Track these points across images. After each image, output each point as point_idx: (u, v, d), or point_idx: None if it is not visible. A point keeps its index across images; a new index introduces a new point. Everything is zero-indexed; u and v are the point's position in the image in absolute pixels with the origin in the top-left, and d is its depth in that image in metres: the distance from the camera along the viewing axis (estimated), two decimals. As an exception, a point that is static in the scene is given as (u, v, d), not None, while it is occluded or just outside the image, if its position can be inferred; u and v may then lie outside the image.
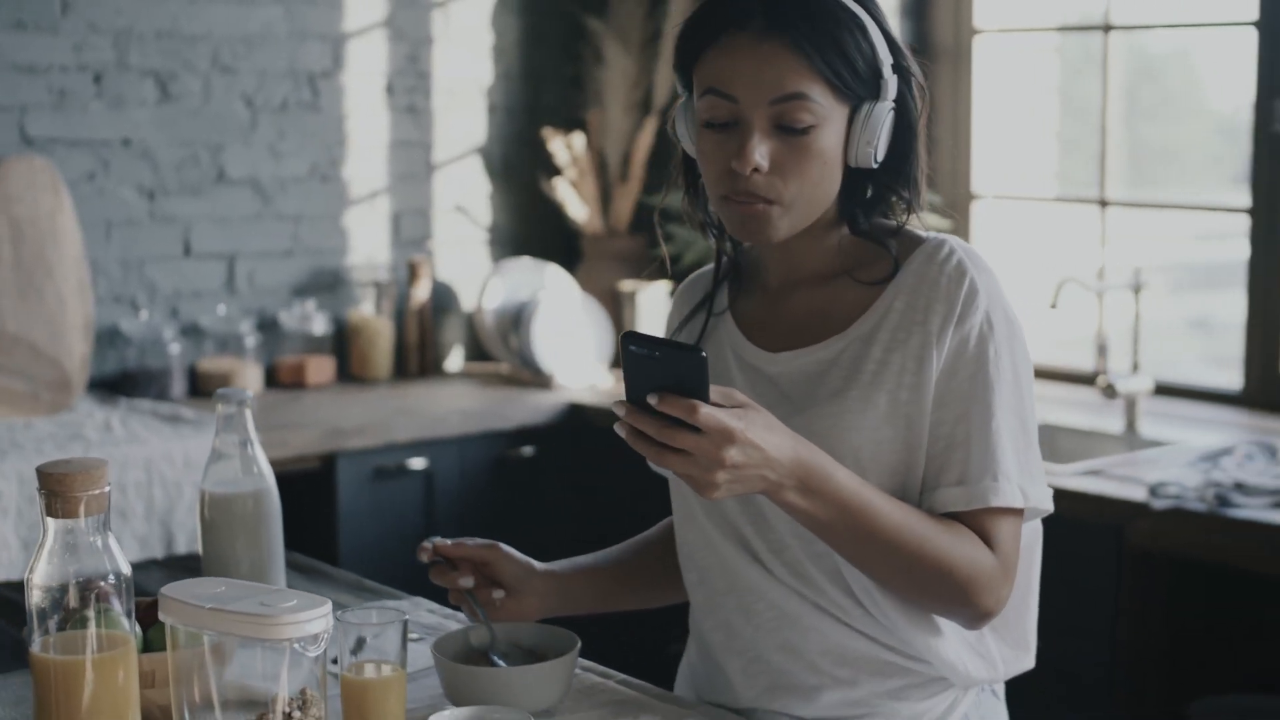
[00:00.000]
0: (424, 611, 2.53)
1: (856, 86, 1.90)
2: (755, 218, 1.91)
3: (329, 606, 1.77)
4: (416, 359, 4.67)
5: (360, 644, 1.91)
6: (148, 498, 3.74)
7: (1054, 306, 3.84)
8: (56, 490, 1.78)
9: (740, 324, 2.08)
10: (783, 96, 1.87)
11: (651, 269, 4.35)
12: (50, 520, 1.79)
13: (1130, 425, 3.95)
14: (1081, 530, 3.43)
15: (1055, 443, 4.04)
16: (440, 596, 2.72)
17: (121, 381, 4.27)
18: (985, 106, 4.69)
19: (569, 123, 4.94)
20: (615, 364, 4.74)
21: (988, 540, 1.89)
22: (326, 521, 4.07)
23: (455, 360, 4.80)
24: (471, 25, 4.82)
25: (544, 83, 4.99)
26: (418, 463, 4.13)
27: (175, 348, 4.27)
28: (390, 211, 4.73)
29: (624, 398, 1.84)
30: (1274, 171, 4.08)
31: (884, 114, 1.92)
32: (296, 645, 1.75)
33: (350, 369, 4.61)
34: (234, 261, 4.48)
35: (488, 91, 4.87)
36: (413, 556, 4.09)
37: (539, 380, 4.52)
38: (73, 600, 1.79)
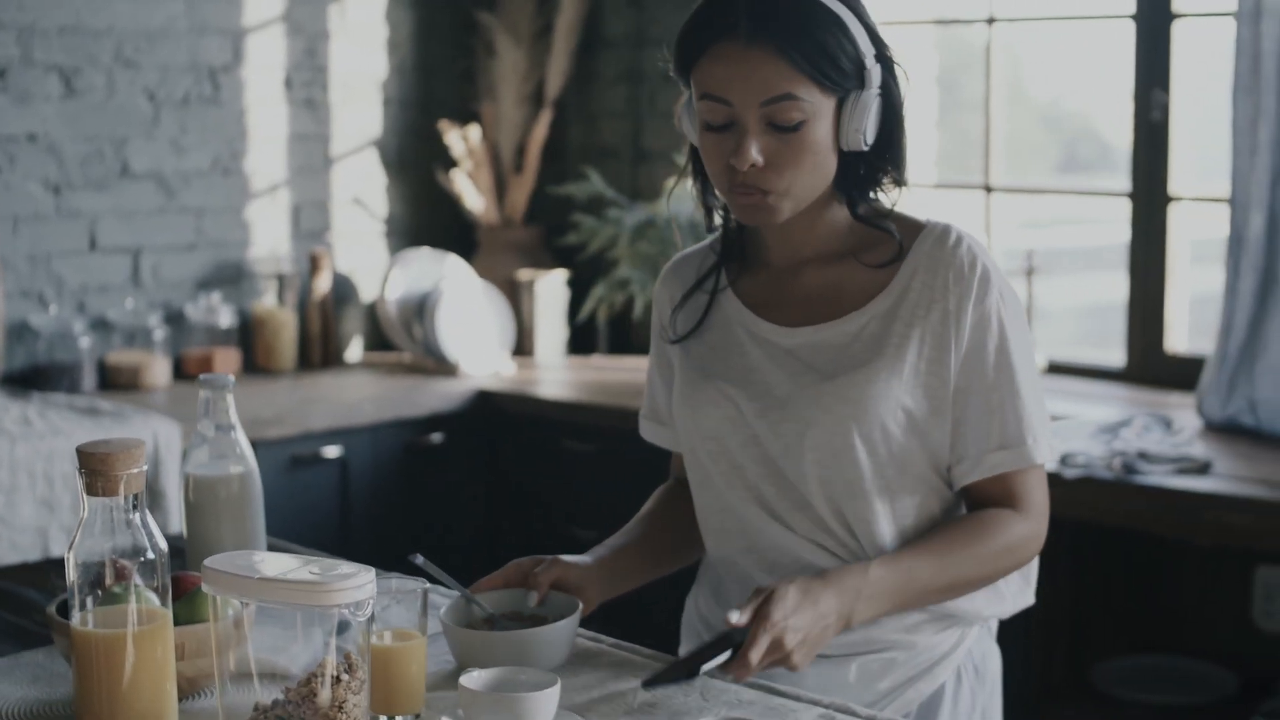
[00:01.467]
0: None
1: (841, 80, 2.02)
2: (758, 206, 2.06)
3: (373, 573, 1.86)
4: (319, 350, 4.73)
5: (383, 612, 1.99)
6: (75, 489, 3.76)
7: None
8: (98, 469, 1.85)
9: (746, 301, 2.19)
10: (773, 98, 2.00)
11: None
12: (90, 499, 1.85)
13: (1025, 401, 4.12)
14: (992, 500, 3.59)
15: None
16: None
17: (33, 376, 4.28)
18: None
19: (463, 115, 5.02)
20: (519, 352, 4.82)
21: (1024, 495, 2.10)
22: (245, 510, 4.11)
23: (356, 351, 4.86)
24: (366, 20, 4.88)
25: (437, 76, 5.06)
26: (333, 451, 4.19)
27: (85, 341, 4.29)
28: (290, 204, 4.78)
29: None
30: (1152, 158, 4.27)
31: (870, 101, 2.04)
32: (346, 611, 1.83)
33: (255, 360, 4.65)
34: (139, 255, 4.50)
35: (383, 85, 4.94)
36: (330, 541, 4.16)
37: (443, 368, 4.60)
38: (108, 576, 1.86)
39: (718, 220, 2.23)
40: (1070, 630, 3.65)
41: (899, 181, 2.14)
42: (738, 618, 1.95)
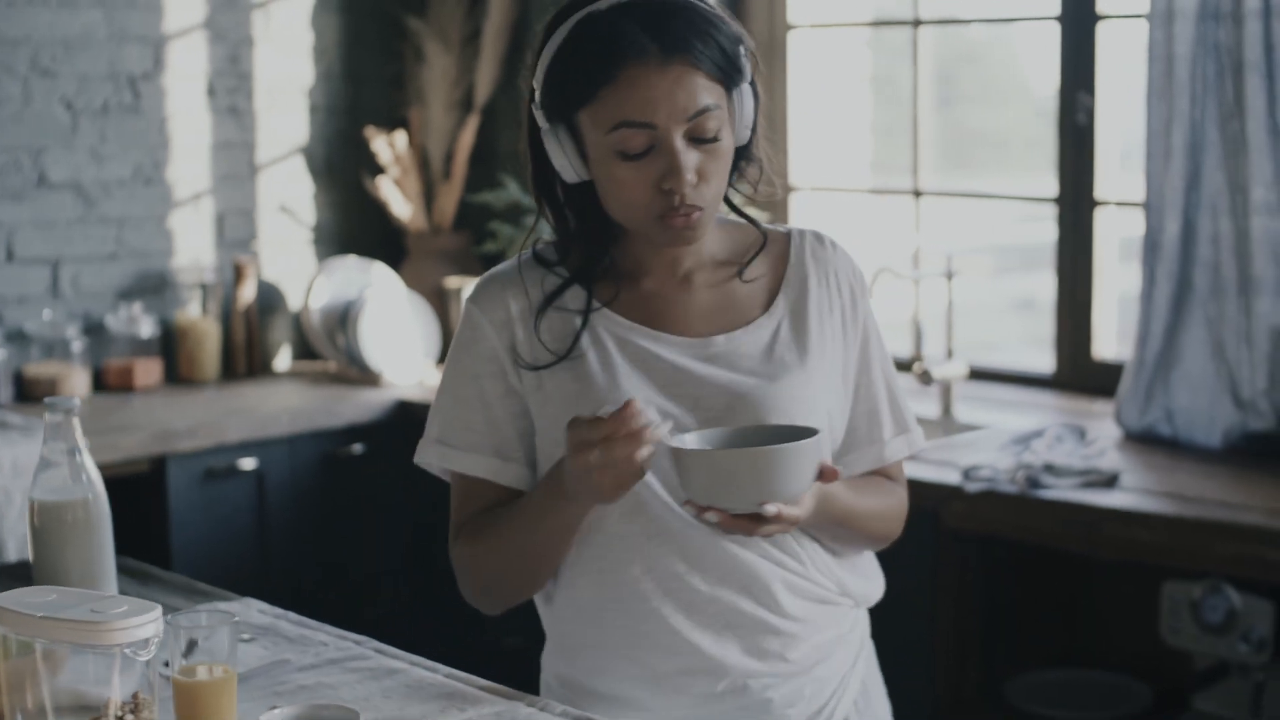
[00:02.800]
0: (255, 612, 2.56)
1: (737, 78, 2.03)
2: (690, 227, 2.03)
3: (159, 611, 1.82)
4: (244, 359, 4.68)
5: (191, 646, 1.94)
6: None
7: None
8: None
9: (636, 319, 2.13)
10: (696, 112, 1.97)
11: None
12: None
13: (946, 410, 4.08)
14: (899, 513, 3.54)
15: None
16: (273, 597, 2.77)
17: (-56, 388, 4.24)
18: (801, 100, 4.79)
19: (391, 121, 4.97)
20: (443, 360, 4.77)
21: (897, 479, 2.26)
22: (158, 524, 4.08)
23: (284, 360, 4.82)
24: (291, 25, 4.83)
25: (365, 82, 5.01)
26: (248, 463, 4.15)
27: (1, 353, 4.24)
28: (214, 212, 4.73)
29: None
30: (1078, 160, 4.22)
31: (747, 93, 2.05)
32: (127, 650, 1.79)
33: (178, 371, 4.60)
34: (58, 266, 4.46)
35: (309, 91, 4.89)
36: (243, 555, 4.12)
37: (367, 378, 4.56)
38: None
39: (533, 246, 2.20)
40: (979, 645, 3.60)
41: (765, 178, 2.15)
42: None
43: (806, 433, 1.96)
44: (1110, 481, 3.41)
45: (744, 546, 2.09)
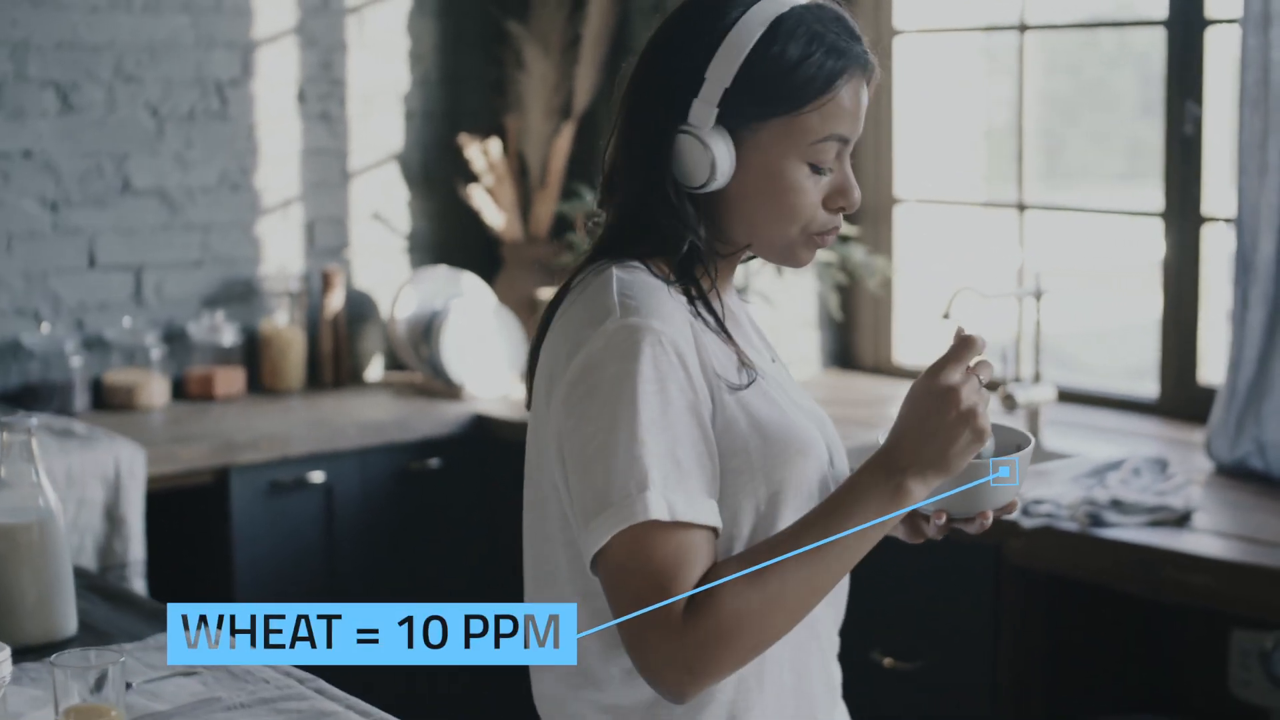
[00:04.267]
0: (212, 644, 2.47)
1: None
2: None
3: (6, 653, 1.74)
4: (331, 369, 4.61)
5: (98, 683, 1.89)
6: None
7: (946, 316, 3.75)
8: None
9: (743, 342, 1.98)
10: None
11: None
12: None
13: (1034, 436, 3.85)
14: (959, 547, 3.34)
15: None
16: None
17: (22, 395, 4.23)
18: (908, 109, 4.60)
19: (489, 128, 4.87)
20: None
21: None
22: (221, 537, 4.02)
23: (375, 370, 4.74)
24: (387, 30, 4.76)
25: (464, 87, 4.92)
26: (317, 476, 4.07)
27: (77, 360, 4.23)
28: (304, 220, 4.67)
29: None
30: (1185, 173, 3.97)
31: None
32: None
33: (262, 381, 4.55)
34: (141, 273, 4.43)
35: (405, 98, 4.81)
36: (309, 571, 4.06)
37: (450, 391, 4.46)
38: None
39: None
40: (1042, 687, 3.39)
41: None
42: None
43: (1022, 437, 1.88)
44: (1181, 520, 3.19)
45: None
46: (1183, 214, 3.99)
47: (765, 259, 1.95)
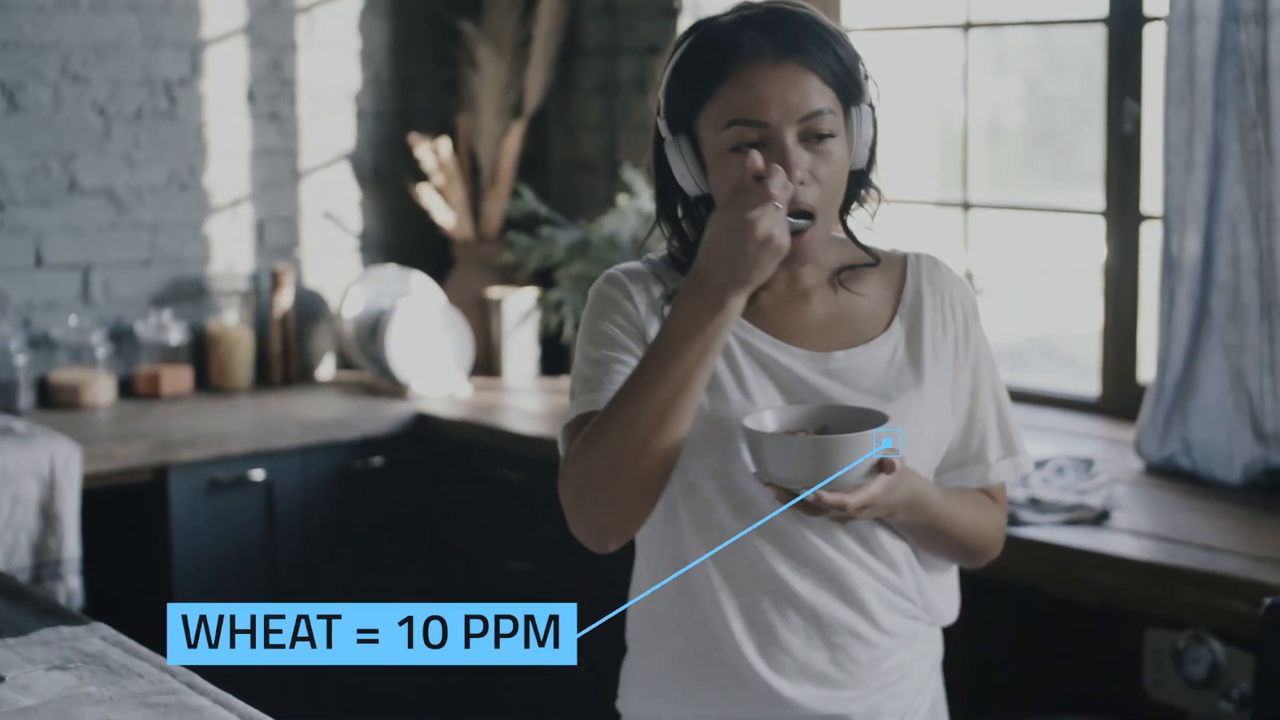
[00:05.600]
0: (96, 638, 2.49)
1: (854, 93, 2.07)
2: (800, 249, 2.04)
3: None
4: (280, 368, 4.62)
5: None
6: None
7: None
8: None
9: (762, 327, 2.13)
10: (810, 113, 2.01)
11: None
12: None
13: (967, 435, 3.84)
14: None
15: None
16: (121, 625, 2.68)
17: (-35, 393, 4.24)
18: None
19: (441, 128, 4.87)
20: (489, 372, 4.67)
21: (997, 498, 2.24)
22: (159, 535, 4.03)
23: (326, 369, 4.75)
24: (337, 30, 4.76)
25: (416, 88, 4.92)
26: (257, 474, 4.08)
27: (21, 359, 4.24)
28: (254, 219, 4.68)
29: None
30: (1125, 172, 3.96)
31: (869, 115, 2.09)
32: None
33: (210, 379, 4.56)
34: (89, 272, 4.44)
35: (356, 97, 4.81)
36: (249, 569, 4.06)
37: (396, 389, 4.46)
38: None
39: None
40: (968, 689, 3.37)
41: (879, 200, 2.20)
42: None
43: (879, 418, 1.99)
44: (1099, 520, 3.18)
45: (843, 554, 2.11)
46: (1122, 213, 3.98)
47: None
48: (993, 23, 4.29)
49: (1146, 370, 3.99)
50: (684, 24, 4.47)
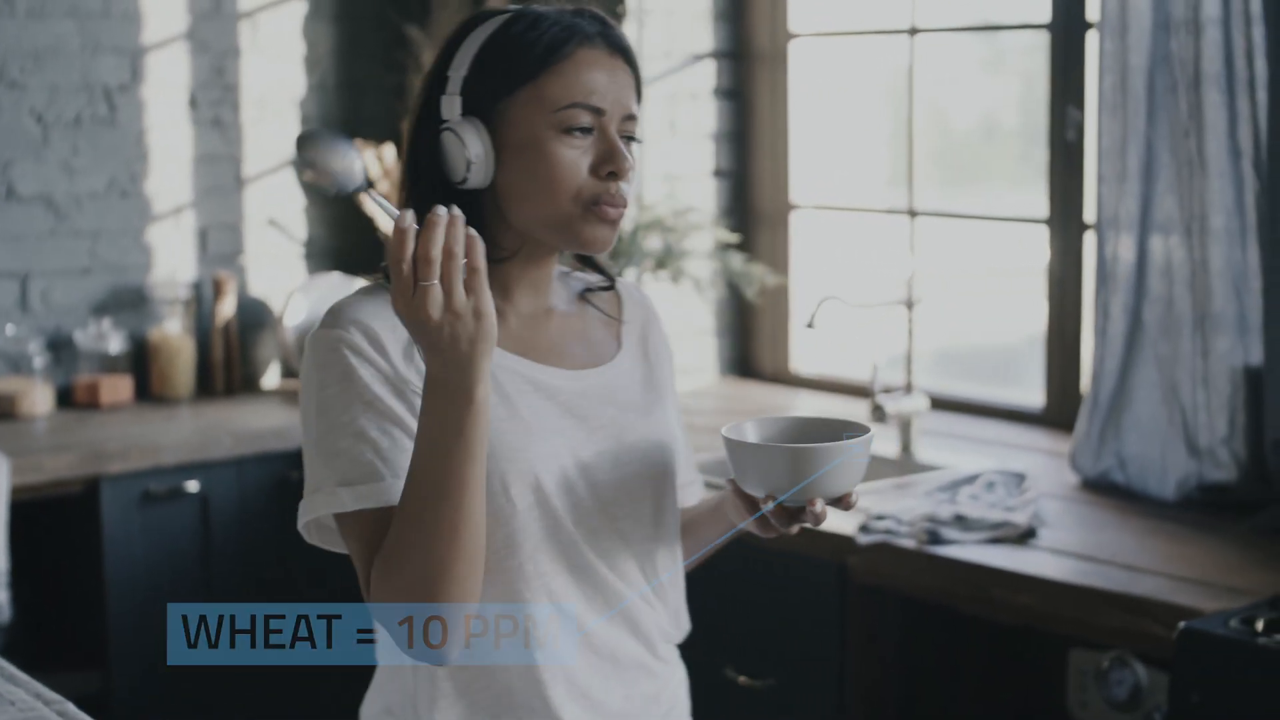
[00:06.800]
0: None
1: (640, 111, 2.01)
2: (617, 221, 1.95)
3: None
4: (222, 377, 4.57)
5: None
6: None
7: (810, 326, 3.69)
8: None
9: (509, 348, 1.98)
10: (629, 114, 1.95)
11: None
12: None
13: (905, 448, 3.79)
14: (806, 562, 3.29)
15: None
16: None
17: (-101, 404, 4.20)
18: (808, 113, 4.54)
19: (388, 134, 4.81)
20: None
21: None
22: (91, 547, 3.98)
23: (272, 377, 4.70)
24: (282, 35, 4.70)
25: (364, 93, 4.87)
26: (192, 486, 4.03)
27: (-44, 369, 4.20)
28: (197, 226, 4.62)
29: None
30: (1068, 180, 3.90)
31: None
32: None
33: (151, 389, 4.51)
34: (27, 280, 4.39)
35: (301, 103, 4.76)
36: (184, 583, 4.01)
37: (337, 399, 4.41)
38: None
39: None
40: (894, 711, 3.32)
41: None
42: None
43: (861, 429, 1.96)
44: (1024, 538, 3.12)
45: (630, 585, 2.03)
46: (1065, 220, 3.92)
47: (559, 245, 1.97)
48: (938, 28, 4.23)
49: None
50: (628, 29, 4.42)
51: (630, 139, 1.95)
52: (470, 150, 1.90)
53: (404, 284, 1.69)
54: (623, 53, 1.96)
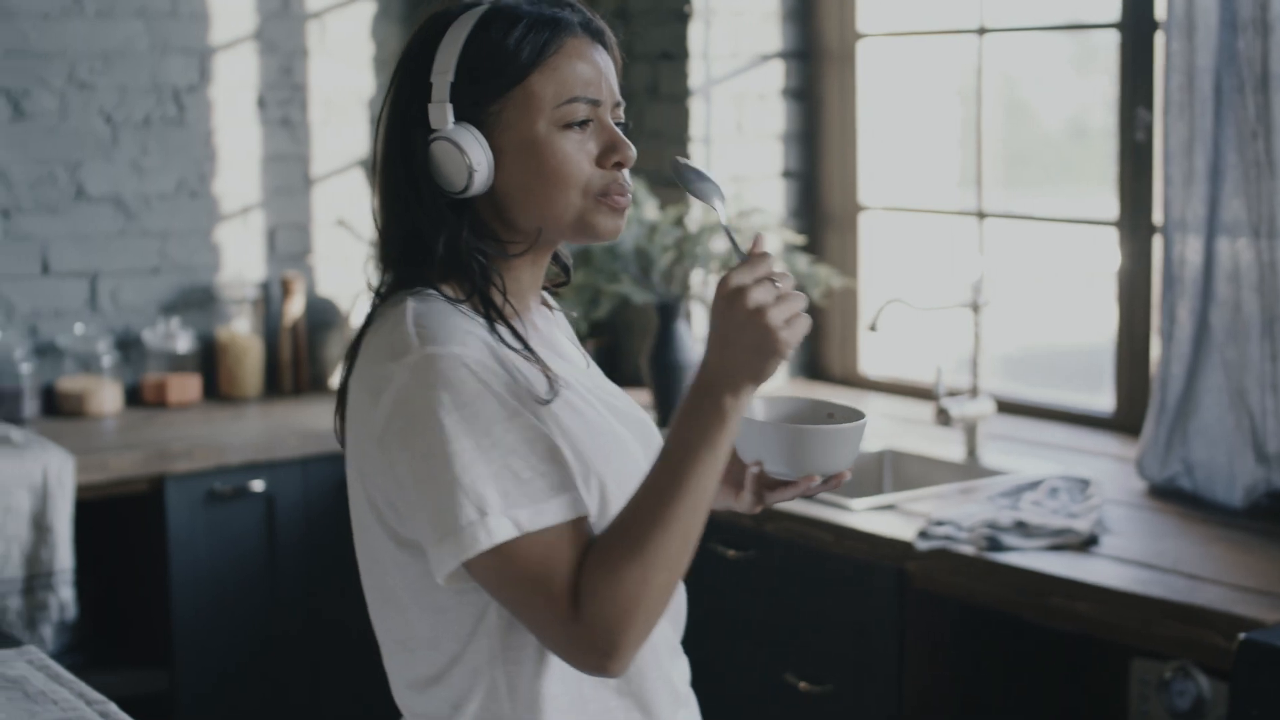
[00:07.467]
0: (22, 662, 2.45)
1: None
2: (623, 215, 1.91)
3: None
4: (290, 376, 4.58)
5: None
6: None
7: (873, 329, 3.65)
8: None
9: (545, 354, 1.93)
10: (619, 100, 1.92)
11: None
12: None
13: (971, 453, 3.75)
14: (866, 568, 3.25)
15: (901, 469, 3.86)
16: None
17: (-30, 402, 4.23)
18: (877, 113, 4.50)
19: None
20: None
21: None
22: (156, 546, 4.00)
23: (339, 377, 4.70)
24: (350, 36, 4.71)
25: (432, 92, 4.86)
26: (257, 485, 4.04)
27: (26, 367, 4.22)
28: (265, 226, 4.64)
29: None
30: (1137, 182, 3.84)
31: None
32: None
33: (219, 387, 4.53)
34: (96, 280, 4.42)
35: (369, 103, 4.76)
36: (250, 582, 4.02)
37: (403, 399, 4.41)
38: None
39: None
40: (952, 716, 3.28)
41: None
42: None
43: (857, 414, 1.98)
44: (1085, 545, 3.07)
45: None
46: (1134, 223, 3.86)
47: (569, 240, 1.93)
48: (1007, 27, 4.18)
49: (1159, 385, 3.88)
50: (695, 30, 4.40)
51: (621, 125, 1.91)
52: (471, 158, 1.84)
53: (765, 295, 1.72)
54: (602, 39, 1.92)
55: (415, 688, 1.90)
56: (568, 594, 1.73)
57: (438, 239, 1.86)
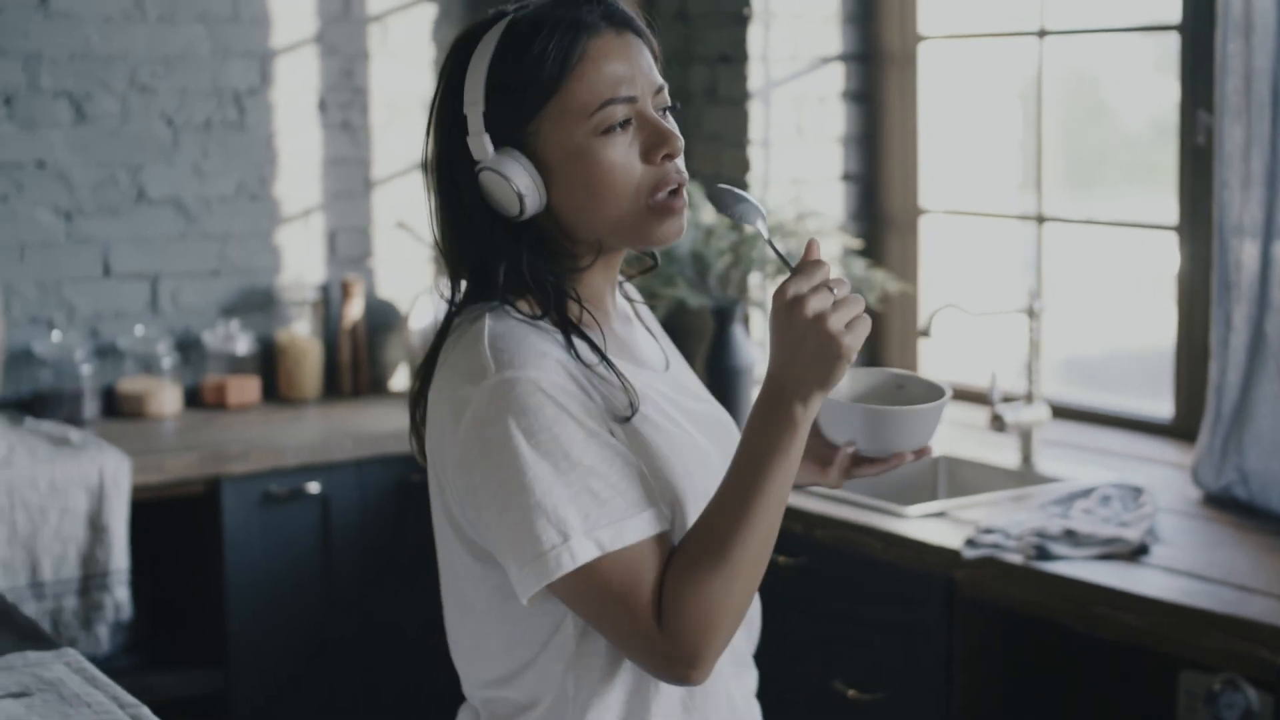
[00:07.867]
0: (60, 664, 2.45)
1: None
2: (682, 215, 1.89)
3: None
4: (350, 379, 4.60)
5: None
6: (10, 522, 3.73)
7: (925, 334, 3.62)
8: None
9: (636, 363, 1.95)
10: (659, 86, 1.88)
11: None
12: None
13: (1026, 459, 3.71)
14: (914, 577, 3.23)
15: (956, 475, 3.82)
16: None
17: (33, 403, 4.26)
18: (938, 116, 4.46)
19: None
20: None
21: None
22: (212, 548, 4.02)
23: (400, 379, 4.72)
24: (411, 38, 4.72)
25: (494, 95, 4.86)
26: (313, 487, 4.06)
27: (87, 368, 4.26)
28: (325, 229, 4.66)
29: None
30: (1196, 185, 3.79)
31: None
32: None
33: (278, 389, 4.55)
34: (157, 282, 4.45)
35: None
36: (305, 585, 4.03)
37: (460, 402, 4.41)
38: None
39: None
40: (1003, 724, 3.25)
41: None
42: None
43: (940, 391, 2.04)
44: (1135, 554, 3.03)
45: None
46: (1194, 227, 3.81)
47: (632, 247, 1.92)
48: (1068, 29, 4.13)
49: (1219, 392, 3.82)
50: (754, 32, 4.38)
51: (667, 109, 1.87)
52: (518, 183, 1.83)
53: (823, 302, 1.72)
54: (629, 25, 1.87)
55: (486, 687, 1.93)
56: (651, 608, 1.76)
57: (498, 268, 1.86)
